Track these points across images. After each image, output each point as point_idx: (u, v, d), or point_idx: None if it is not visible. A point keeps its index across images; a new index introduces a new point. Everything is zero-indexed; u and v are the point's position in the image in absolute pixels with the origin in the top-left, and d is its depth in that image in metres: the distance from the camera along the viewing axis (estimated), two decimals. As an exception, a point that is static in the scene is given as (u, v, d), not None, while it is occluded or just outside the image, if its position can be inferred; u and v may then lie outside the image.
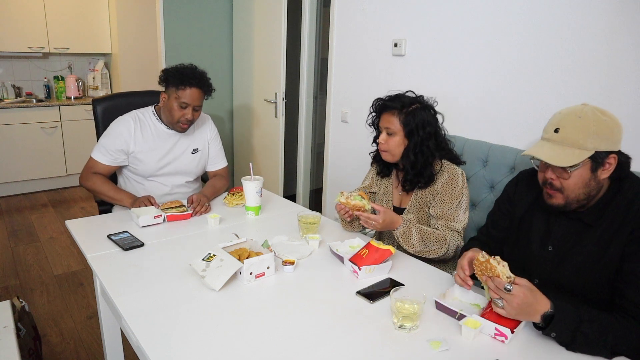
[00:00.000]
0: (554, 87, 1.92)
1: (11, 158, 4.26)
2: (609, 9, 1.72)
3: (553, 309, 1.09)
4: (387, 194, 1.81)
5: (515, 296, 1.08)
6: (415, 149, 1.60)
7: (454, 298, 1.31)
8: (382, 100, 1.66)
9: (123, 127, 1.98)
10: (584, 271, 1.23)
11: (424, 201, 1.69)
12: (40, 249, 3.28)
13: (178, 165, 2.08)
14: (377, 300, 1.28)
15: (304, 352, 1.06)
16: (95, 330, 2.36)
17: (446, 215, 1.61)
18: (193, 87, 1.91)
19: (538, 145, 1.23)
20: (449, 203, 1.62)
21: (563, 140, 1.18)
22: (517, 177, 1.47)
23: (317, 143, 3.89)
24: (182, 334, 1.10)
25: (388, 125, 1.62)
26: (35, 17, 4.31)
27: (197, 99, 1.94)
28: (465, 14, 2.22)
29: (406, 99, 1.63)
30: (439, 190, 1.63)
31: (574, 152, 1.16)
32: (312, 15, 3.29)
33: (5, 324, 1.33)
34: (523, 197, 1.41)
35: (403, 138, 1.62)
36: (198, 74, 1.95)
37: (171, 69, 1.97)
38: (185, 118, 1.94)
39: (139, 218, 1.71)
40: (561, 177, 1.20)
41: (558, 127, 1.20)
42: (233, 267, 1.32)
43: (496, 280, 1.12)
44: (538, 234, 1.34)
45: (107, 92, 4.82)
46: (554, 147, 1.19)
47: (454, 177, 1.63)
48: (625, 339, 1.07)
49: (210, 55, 3.91)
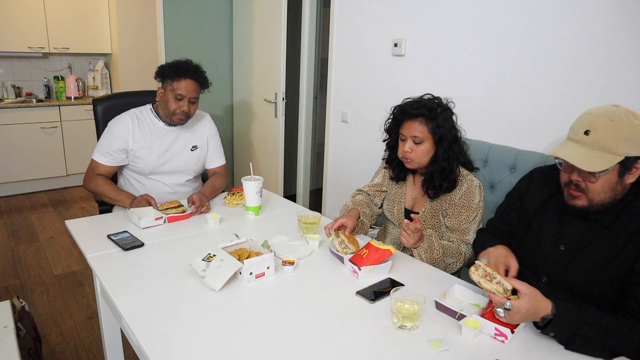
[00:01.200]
0: (554, 87, 1.92)
1: (11, 158, 4.26)
2: (609, 9, 1.72)
3: (554, 311, 1.08)
4: (399, 194, 1.77)
5: (516, 312, 1.07)
6: (445, 155, 1.56)
7: (454, 298, 1.31)
8: (404, 107, 1.59)
9: (121, 125, 1.98)
10: (595, 272, 1.22)
11: (439, 208, 1.65)
12: (40, 249, 3.28)
13: (177, 162, 2.08)
14: (377, 300, 1.28)
15: (304, 352, 1.06)
16: (95, 330, 2.36)
17: (462, 229, 1.59)
18: (188, 78, 1.93)
19: (566, 147, 1.19)
20: (465, 216, 1.58)
21: (594, 144, 1.14)
22: (531, 175, 1.44)
23: (317, 143, 3.89)
24: (182, 334, 1.10)
25: (415, 134, 1.55)
26: (35, 17, 4.31)
27: (193, 91, 1.95)
28: (466, 14, 2.22)
29: (430, 104, 1.56)
30: (457, 202, 1.60)
31: (604, 157, 1.13)
32: (312, 15, 3.29)
33: (5, 324, 1.33)
34: (536, 195, 1.39)
35: (431, 146, 1.57)
36: (193, 66, 1.97)
37: (166, 63, 1.99)
38: (181, 110, 1.95)
39: (141, 220, 1.71)
40: (588, 180, 1.17)
41: (589, 129, 1.16)
42: (233, 267, 1.32)
43: (495, 298, 1.10)
44: (550, 233, 1.32)
45: (107, 92, 4.82)
46: (583, 151, 1.15)
47: (472, 190, 1.59)
48: (627, 341, 1.06)
49: (210, 55, 3.91)
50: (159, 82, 2.01)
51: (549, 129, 1.95)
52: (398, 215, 1.76)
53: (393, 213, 1.78)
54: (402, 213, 1.75)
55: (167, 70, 1.95)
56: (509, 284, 1.10)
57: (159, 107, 2.04)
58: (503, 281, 1.11)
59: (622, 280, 1.17)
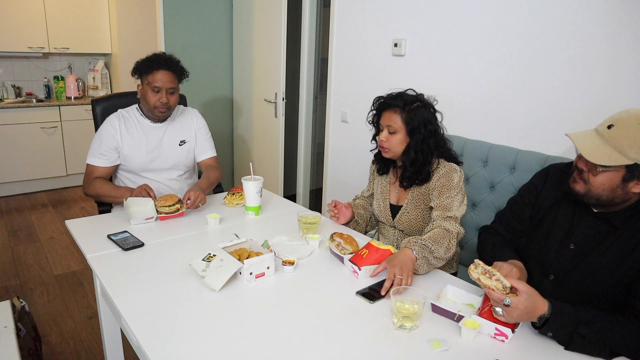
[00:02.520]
0: (554, 87, 1.92)
1: (11, 158, 4.26)
2: (609, 9, 1.72)
3: (550, 310, 1.08)
4: (384, 192, 1.81)
5: (515, 309, 1.08)
6: (417, 147, 1.61)
7: (447, 299, 1.31)
8: (383, 98, 1.66)
9: (108, 125, 2.02)
10: (604, 273, 1.21)
11: (421, 199, 1.69)
12: (40, 249, 3.28)
13: (167, 157, 2.10)
14: (377, 301, 1.28)
15: (304, 352, 1.06)
16: (95, 330, 2.36)
17: (442, 206, 1.60)
18: (161, 69, 1.94)
19: (585, 133, 1.20)
20: (446, 194, 1.61)
21: (610, 139, 1.14)
22: (547, 171, 1.43)
23: (317, 143, 3.89)
24: (182, 334, 1.10)
25: (390, 123, 1.62)
26: (35, 17, 4.31)
27: (169, 82, 1.96)
28: (466, 14, 2.22)
29: (408, 97, 1.63)
30: (437, 184, 1.63)
31: (611, 154, 1.12)
32: (312, 15, 3.29)
33: (5, 324, 1.33)
34: (550, 192, 1.38)
35: (405, 136, 1.62)
36: (165, 57, 1.99)
37: (140, 59, 2.01)
38: (160, 102, 1.96)
39: (131, 219, 1.73)
40: (590, 171, 1.18)
41: (613, 124, 1.15)
42: (233, 267, 1.32)
43: (494, 295, 1.11)
44: (561, 231, 1.32)
45: (107, 92, 4.82)
46: (596, 141, 1.16)
47: (450, 172, 1.63)
48: (627, 341, 1.06)
49: (210, 56, 3.91)
50: (137, 79, 2.03)
51: (549, 129, 1.95)
52: (385, 212, 1.79)
53: (380, 210, 1.81)
54: (388, 208, 1.78)
55: (142, 65, 1.97)
56: (507, 282, 1.11)
57: (141, 104, 2.06)
58: (502, 279, 1.12)
59: (630, 281, 1.17)
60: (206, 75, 3.92)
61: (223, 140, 4.12)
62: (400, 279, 1.32)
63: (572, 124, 1.87)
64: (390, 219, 1.77)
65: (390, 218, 1.77)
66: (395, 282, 1.32)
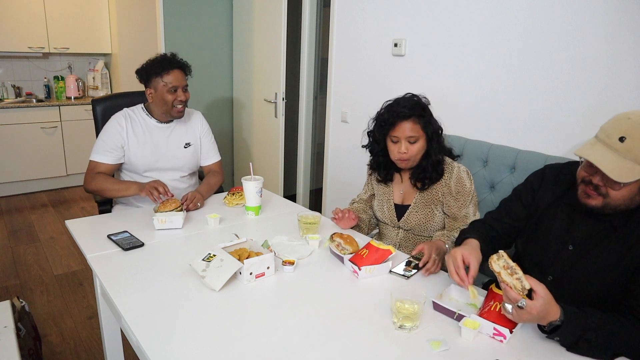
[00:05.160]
0: (554, 87, 1.92)
1: (11, 158, 4.26)
2: (609, 9, 1.72)
3: (562, 318, 1.06)
4: (387, 193, 1.80)
5: (527, 312, 1.05)
6: (436, 149, 1.63)
7: (451, 298, 1.31)
8: (394, 110, 1.60)
9: (115, 123, 2.02)
10: (602, 273, 1.21)
11: (430, 198, 1.69)
12: (40, 249, 3.28)
13: (172, 158, 2.10)
14: (412, 276, 1.42)
15: (304, 352, 1.06)
16: (95, 330, 2.36)
17: (461, 215, 1.65)
18: (174, 69, 1.99)
19: (597, 150, 1.14)
20: (462, 201, 1.65)
21: (626, 153, 1.10)
22: (544, 171, 1.42)
23: (317, 143, 3.89)
24: (182, 334, 1.10)
25: (411, 134, 1.58)
26: (35, 17, 4.31)
27: (183, 79, 2.02)
28: (466, 13, 2.22)
29: (416, 103, 1.61)
30: (453, 188, 1.65)
31: (634, 168, 1.09)
32: (312, 15, 3.29)
33: (5, 324, 1.33)
34: (548, 192, 1.38)
35: (424, 142, 1.62)
36: (173, 57, 2.03)
37: (144, 65, 2.02)
38: (179, 100, 2.00)
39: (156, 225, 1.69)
40: (610, 187, 1.14)
41: (625, 136, 1.10)
42: (233, 267, 1.32)
43: (511, 293, 1.07)
44: (559, 232, 1.31)
45: (107, 92, 4.82)
46: (614, 158, 1.11)
47: (462, 176, 1.66)
48: (630, 342, 1.06)
49: (210, 56, 3.91)
50: (144, 84, 2.03)
51: (549, 129, 1.95)
52: (389, 212, 1.78)
53: (384, 212, 1.80)
54: (393, 210, 1.77)
55: (152, 68, 1.98)
56: (527, 283, 1.07)
57: (153, 108, 2.06)
58: (523, 279, 1.08)
59: (628, 281, 1.16)
60: (206, 75, 3.92)
61: (223, 140, 4.12)
62: (435, 259, 1.43)
63: (572, 124, 1.88)
64: (395, 219, 1.77)
65: (395, 219, 1.77)
66: (430, 261, 1.43)
